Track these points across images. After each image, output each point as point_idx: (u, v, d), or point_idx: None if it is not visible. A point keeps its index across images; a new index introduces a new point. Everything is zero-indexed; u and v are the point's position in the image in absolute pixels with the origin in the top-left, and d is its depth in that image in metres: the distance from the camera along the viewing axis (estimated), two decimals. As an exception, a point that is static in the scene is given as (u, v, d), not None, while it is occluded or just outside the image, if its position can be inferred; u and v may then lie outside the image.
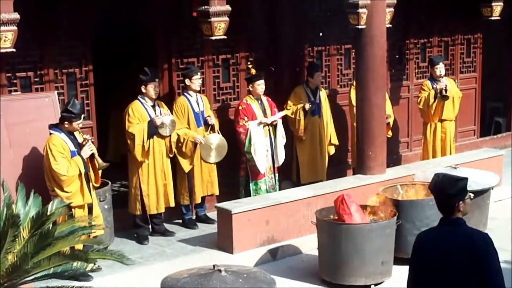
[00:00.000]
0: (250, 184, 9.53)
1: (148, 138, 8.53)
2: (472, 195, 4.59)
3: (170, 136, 8.73)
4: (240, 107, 9.51)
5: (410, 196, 8.43)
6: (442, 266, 4.43)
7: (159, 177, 8.74)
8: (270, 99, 9.77)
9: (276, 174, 9.77)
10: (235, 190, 9.61)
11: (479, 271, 4.33)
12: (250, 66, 10.06)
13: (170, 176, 8.89)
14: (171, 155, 8.89)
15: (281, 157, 9.69)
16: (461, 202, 4.44)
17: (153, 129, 8.56)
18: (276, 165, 9.71)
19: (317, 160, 10.18)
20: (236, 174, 9.70)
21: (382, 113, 9.57)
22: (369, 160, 9.46)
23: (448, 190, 4.49)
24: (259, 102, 9.60)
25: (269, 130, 9.60)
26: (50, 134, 7.47)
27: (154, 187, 8.72)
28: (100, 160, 7.74)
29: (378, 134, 9.48)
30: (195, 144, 8.98)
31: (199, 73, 9.29)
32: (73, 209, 7.43)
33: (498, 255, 4.43)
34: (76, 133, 7.62)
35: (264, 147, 9.51)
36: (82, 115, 7.69)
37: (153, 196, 8.73)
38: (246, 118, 9.42)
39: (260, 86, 9.52)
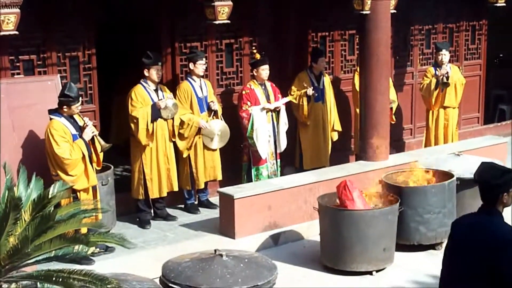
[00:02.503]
0: (252, 169, 9.51)
1: (152, 121, 8.51)
2: None
3: (173, 119, 8.71)
4: (243, 92, 9.47)
5: (412, 182, 8.41)
6: (465, 251, 4.45)
7: (162, 161, 8.72)
8: (274, 85, 9.73)
9: (278, 160, 9.75)
10: (237, 175, 9.60)
11: (493, 264, 4.30)
12: (254, 51, 10.01)
13: (174, 160, 8.87)
14: (174, 139, 8.87)
15: (283, 143, 9.67)
16: (505, 194, 4.47)
17: (156, 113, 8.54)
18: (278, 151, 9.69)
19: (320, 146, 10.16)
20: (239, 159, 9.69)
21: (386, 100, 9.53)
22: (372, 146, 9.44)
23: (494, 181, 4.51)
24: (263, 87, 9.56)
25: (272, 116, 9.57)
26: (51, 119, 7.46)
27: (157, 171, 8.71)
28: (102, 142, 7.73)
29: (381, 121, 9.45)
30: (198, 129, 8.98)
31: (204, 58, 9.25)
32: (78, 192, 7.44)
33: None
34: (76, 117, 7.60)
35: (266, 132, 9.48)
36: (80, 98, 7.68)
37: (156, 180, 8.72)
38: (249, 103, 9.38)
39: (264, 71, 9.47)
